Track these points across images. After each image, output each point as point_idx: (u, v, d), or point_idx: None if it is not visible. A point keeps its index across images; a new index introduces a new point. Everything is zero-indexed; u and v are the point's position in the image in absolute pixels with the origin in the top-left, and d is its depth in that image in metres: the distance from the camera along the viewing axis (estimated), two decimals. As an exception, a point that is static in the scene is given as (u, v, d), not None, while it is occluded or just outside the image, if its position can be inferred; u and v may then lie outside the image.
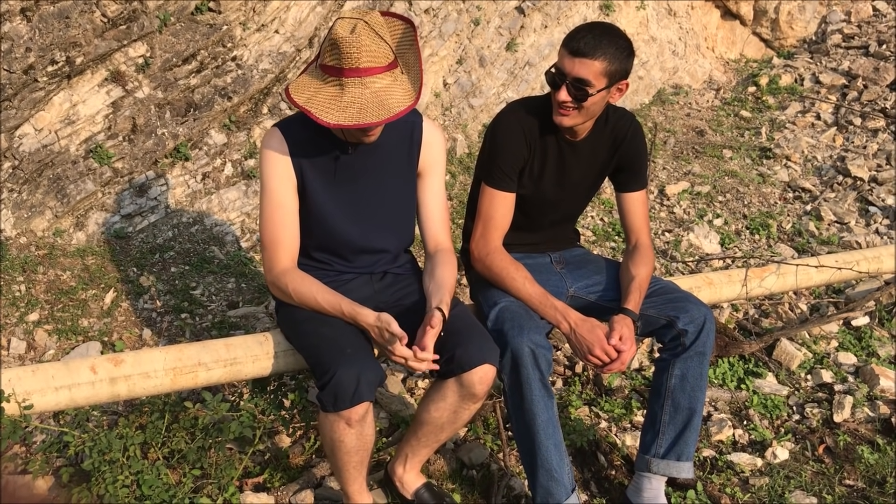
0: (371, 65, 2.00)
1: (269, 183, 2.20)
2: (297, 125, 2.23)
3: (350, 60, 1.98)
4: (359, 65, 1.99)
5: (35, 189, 3.56)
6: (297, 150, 2.21)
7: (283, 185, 2.20)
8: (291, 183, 2.21)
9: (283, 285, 2.21)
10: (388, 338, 2.07)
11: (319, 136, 2.22)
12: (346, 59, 1.98)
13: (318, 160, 2.23)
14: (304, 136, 2.22)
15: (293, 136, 2.22)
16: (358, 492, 2.24)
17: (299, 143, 2.21)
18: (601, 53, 2.20)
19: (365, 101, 2.00)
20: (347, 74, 2.00)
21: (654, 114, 6.57)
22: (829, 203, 5.13)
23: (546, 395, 2.23)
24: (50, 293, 3.30)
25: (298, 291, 2.19)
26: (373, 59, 2.00)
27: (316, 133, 2.21)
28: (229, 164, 4.15)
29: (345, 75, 2.00)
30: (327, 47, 2.02)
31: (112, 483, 2.08)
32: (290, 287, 2.19)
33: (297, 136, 2.22)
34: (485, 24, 5.66)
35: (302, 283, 2.20)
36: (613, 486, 2.66)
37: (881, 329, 3.70)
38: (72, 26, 3.52)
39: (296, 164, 2.21)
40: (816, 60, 7.28)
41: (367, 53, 1.99)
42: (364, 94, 2.01)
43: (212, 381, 2.23)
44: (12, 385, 1.97)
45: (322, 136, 2.22)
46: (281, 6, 4.38)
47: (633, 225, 2.57)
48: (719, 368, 3.31)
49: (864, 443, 2.90)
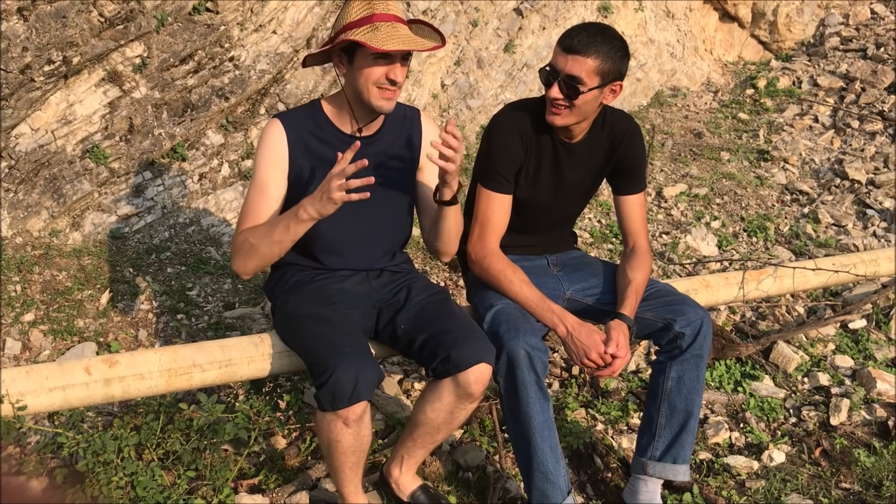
0: (398, 14, 2.14)
1: (259, 168, 2.23)
2: (298, 117, 2.25)
3: (382, 6, 2.10)
4: (388, 10, 2.11)
5: (31, 189, 3.55)
6: (295, 141, 2.23)
7: (271, 172, 2.23)
8: (282, 172, 2.23)
9: (243, 237, 2.18)
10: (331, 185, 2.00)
11: (320, 130, 2.23)
12: (377, 5, 2.10)
13: (318, 153, 2.24)
14: (304, 129, 2.23)
15: (294, 127, 2.24)
16: (354, 493, 2.23)
17: (299, 134, 2.23)
18: (594, 51, 2.20)
19: (402, 35, 2.11)
20: (379, 18, 2.10)
21: (651, 116, 6.57)
22: (827, 206, 5.13)
23: (542, 398, 2.23)
24: (46, 293, 3.29)
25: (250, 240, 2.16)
26: (399, 11, 2.16)
27: (317, 125, 2.23)
28: (226, 165, 4.15)
29: (376, 19, 2.10)
30: (354, 5, 2.11)
31: (106, 484, 2.07)
32: (242, 237, 2.18)
33: (298, 128, 2.24)
34: (483, 26, 5.66)
35: (253, 231, 2.17)
36: (609, 488, 2.66)
37: (878, 332, 3.70)
38: (69, 26, 3.51)
39: (292, 155, 2.23)
40: (814, 63, 7.29)
41: (394, 5, 2.14)
42: (399, 32, 2.11)
43: (207, 382, 2.23)
44: (6, 386, 1.96)
45: (323, 129, 2.23)
46: (279, 7, 4.37)
47: (630, 228, 2.56)
48: (716, 371, 3.31)
49: (860, 446, 2.90)
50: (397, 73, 2.15)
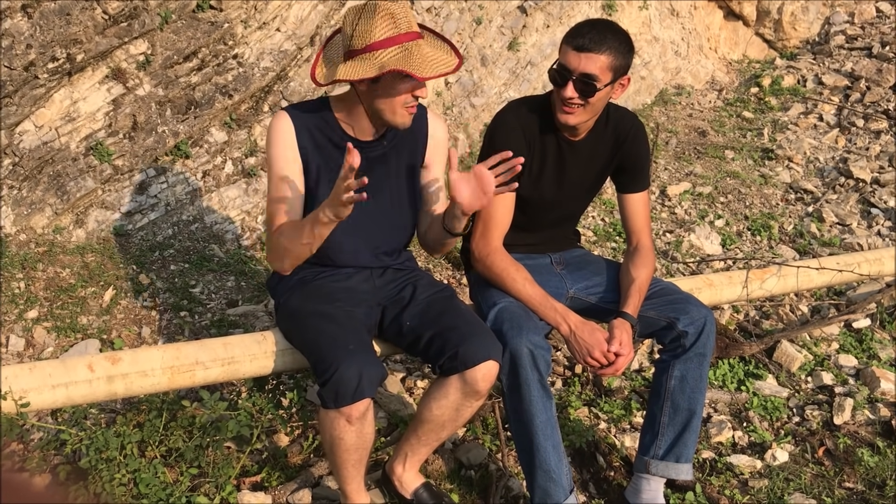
0: (416, 27, 2.14)
1: (274, 164, 2.24)
2: (306, 112, 2.27)
3: (405, 23, 2.10)
4: (411, 28, 2.11)
5: (35, 186, 3.56)
6: (302, 133, 2.23)
7: (286, 166, 2.23)
8: (296, 164, 2.24)
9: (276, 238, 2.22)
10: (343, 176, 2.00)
11: (329, 128, 2.25)
12: (401, 23, 2.09)
13: (325, 151, 2.25)
14: (312, 124, 2.25)
15: (301, 120, 2.24)
16: (356, 491, 2.23)
17: (306, 128, 2.24)
18: (606, 48, 2.20)
19: (432, 58, 2.13)
20: (405, 38, 2.09)
21: (656, 114, 6.55)
22: (831, 205, 5.12)
23: (545, 396, 2.22)
24: (49, 290, 3.29)
25: (283, 242, 2.19)
26: (415, 23, 2.15)
27: (326, 123, 2.26)
28: (230, 162, 4.15)
29: (402, 39, 2.09)
30: (378, 23, 2.08)
31: (109, 481, 2.07)
32: (275, 240, 2.22)
33: (305, 122, 2.25)
34: (487, 24, 5.65)
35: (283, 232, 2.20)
36: (612, 487, 2.66)
37: (882, 331, 3.69)
38: (73, 23, 3.51)
39: (301, 146, 2.24)
40: (819, 62, 7.27)
41: (412, 16, 2.15)
42: (426, 53, 2.12)
43: (209, 379, 2.23)
44: (9, 382, 1.96)
45: (332, 129, 2.24)
46: (282, 4, 4.37)
47: (634, 226, 2.56)
48: (719, 370, 3.30)
49: (864, 445, 2.89)
50: (424, 91, 2.17)
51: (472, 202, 2.17)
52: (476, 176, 2.16)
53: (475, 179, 2.16)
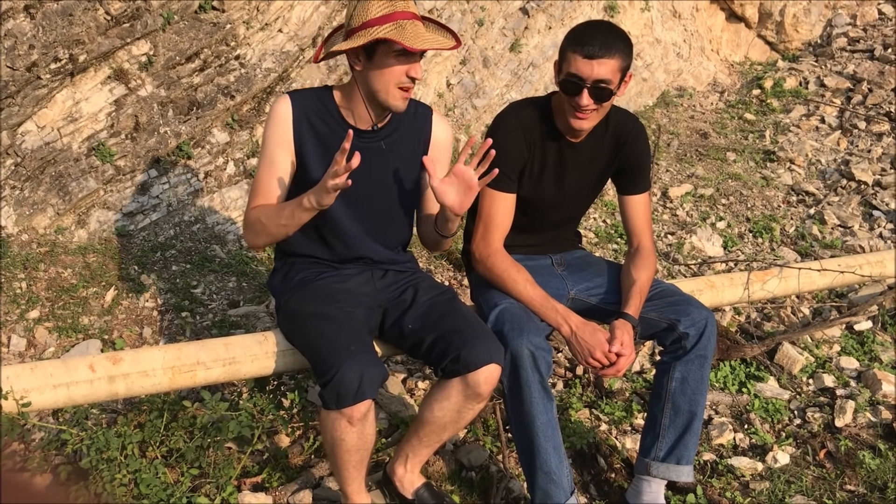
0: (416, 11, 2.17)
1: (266, 145, 2.27)
2: (307, 98, 2.28)
3: (402, 3, 2.12)
4: (408, 8, 2.13)
5: (37, 186, 3.56)
6: (300, 119, 2.25)
7: (278, 149, 2.26)
8: (288, 149, 2.26)
9: (254, 214, 2.26)
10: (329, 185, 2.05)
11: (329, 114, 2.26)
12: (398, 3, 2.12)
13: (322, 137, 2.25)
14: (311, 110, 2.25)
15: (301, 106, 2.26)
16: (357, 492, 2.23)
17: (305, 114, 2.25)
18: (616, 51, 2.21)
19: (426, 35, 2.15)
20: (401, 16, 2.12)
21: (657, 116, 6.55)
22: (833, 207, 5.11)
23: (545, 398, 2.22)
24: (51, 291, 3.30)
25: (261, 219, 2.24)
26: (415, 10, 2.17)
27: (325, 110, 2.26)
28: (231, 163, 4.15)
29: (398, 17, 2.11)
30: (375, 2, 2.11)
31: (110, 481, 2.07)
32: (254, 215, 2.25)
33: (305, 108, 2.26)
34: (489, 25, 5.66)
35: (263, 210, 2.24)
36: (613, 488, 2.66)
37: (884, 333, 3.68)
38: (75, 24, 3.52)
39: (296, 132, 2.25)
40: (821, 64, 7.27)
41: (412, 3, 2.16)
42: (421, 30, 2.15)
43: (210, 380, 2.23)
44: (11, 382, 1.96)
45: (331, 115, 2.25)
46: (284, 5, 4.37)
47: (635, 228, 2.56)
48: (720, 372, 3.30)
49: (865, 448, 2.88)
50: (418, 70, 2.18)
51: (461, 201, 2.20)
52: (456, 175, 2.18)
53: (456, 179, 2.18)
